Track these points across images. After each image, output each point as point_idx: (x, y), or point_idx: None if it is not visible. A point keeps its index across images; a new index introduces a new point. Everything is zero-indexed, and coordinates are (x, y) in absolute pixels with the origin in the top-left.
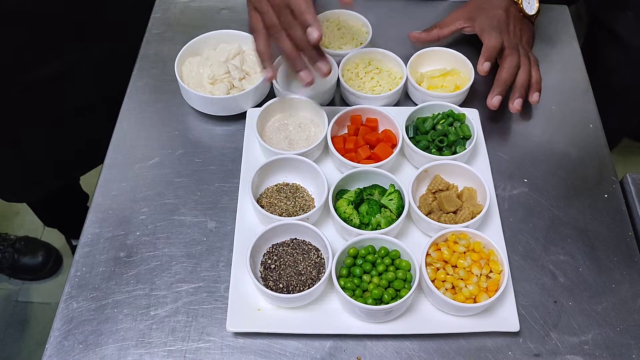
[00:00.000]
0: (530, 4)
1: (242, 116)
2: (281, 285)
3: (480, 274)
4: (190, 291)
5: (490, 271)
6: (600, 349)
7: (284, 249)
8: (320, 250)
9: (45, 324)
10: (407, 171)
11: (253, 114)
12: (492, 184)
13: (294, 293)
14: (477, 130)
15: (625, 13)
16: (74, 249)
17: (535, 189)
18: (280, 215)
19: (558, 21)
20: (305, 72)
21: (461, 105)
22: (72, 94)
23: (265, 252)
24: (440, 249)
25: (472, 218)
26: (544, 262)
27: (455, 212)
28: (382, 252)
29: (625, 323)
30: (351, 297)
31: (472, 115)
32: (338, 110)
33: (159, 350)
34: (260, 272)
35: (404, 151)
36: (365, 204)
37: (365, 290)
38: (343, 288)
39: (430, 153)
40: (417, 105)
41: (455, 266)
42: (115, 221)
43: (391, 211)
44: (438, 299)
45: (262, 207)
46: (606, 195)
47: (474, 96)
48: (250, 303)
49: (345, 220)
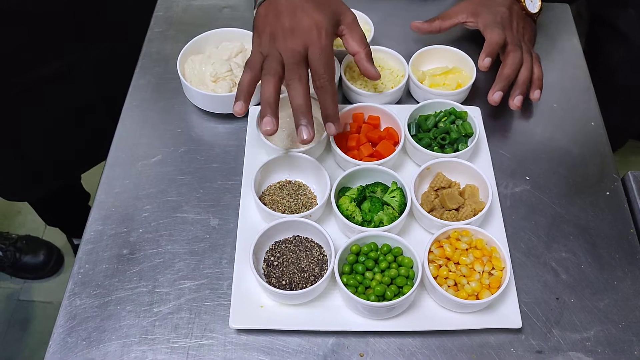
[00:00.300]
0: (533, 2)
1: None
2: (284, 282)
3: (483, 271)
4: (193, 288)
5: (493, 268)
6: (602, 346)
7: (286, 246)
8: (322, 248)
9: (47, 323)
10: (409, 169)
11: (255, 112)
12: (494, 181)
13: (296, 290)
14: (479, 128)
15: (627, 10)
16: (76, 248)
17: (537, 187)
18: (282, 213)
19: (560, 19)
20: (307, 129)
21: (463, 103)
22: (72, 94)
23: (268, 249)
24: (442, 246)
25: (474, 215)
26: (546, 259)
27: (457, 210)
28: (385, 249)
29: (627, 320)
30: (354, 294)
31: (474, 113)
32: (340, 108)
33: (162, 347)
34: (263, 269)
35: (406, 149)
36: (368, 202)
37: (368, 287)
38: (346, 285)
39: (433, 151)
40: (419, 103)
41: (458, 263)
42: (118, 218)
43: (393, 208)
44: (440, 296)
45: (265, 204)
46: (608, 193)
47: (476, 94)
48: (253, 300)
49: (347, 217)
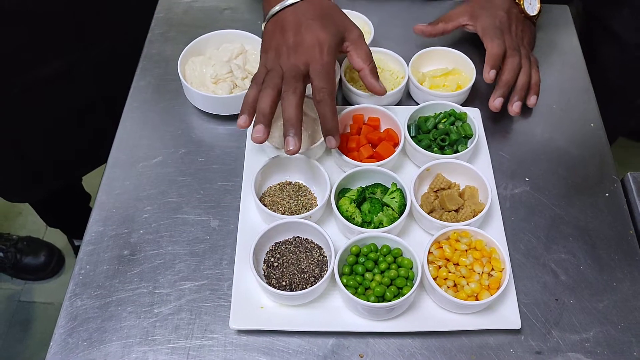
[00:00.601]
0: (532, 5)
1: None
2: (284, 283)
3: (482, 272)
4: (193, 289)
5: (492, 269)
6: (601, 347)
7: (286, 247)
8: (322, 249)
9: (48, 323)
10: (409, 170)
11: None
12: (493, 182)
13: (296, 291)
14: (478, 129)
15: (622, 10)
16: (76, 249)
17: (537, 188)
18: (282, 214)
19: (559, 20)
20: (294, 140)
21: (463, 104)
22: (73, 94)
23: (268, 250)
24: (442, 247)
25: (473, 216)
26: (545, 261)
27: (457, 211)
28: (384, 250)
29: (627, 321)
30: (354, 295)
31: (474, 114)
32: (340, 110)
33: (162, 348)
34: (263, 270)
35: (406, 150)
36: (368, 203)
37: (368, 288)
38: (345, 286)
39: (432, 152)
40: (419, 104)
41: (457, 264)
42: (118, 219)
43: (393, 209)
44: (440, 297)
45: (265, 205)
46: (607, 194)
47: (475, 95)
48: (253, 301)
49: (347, 218)
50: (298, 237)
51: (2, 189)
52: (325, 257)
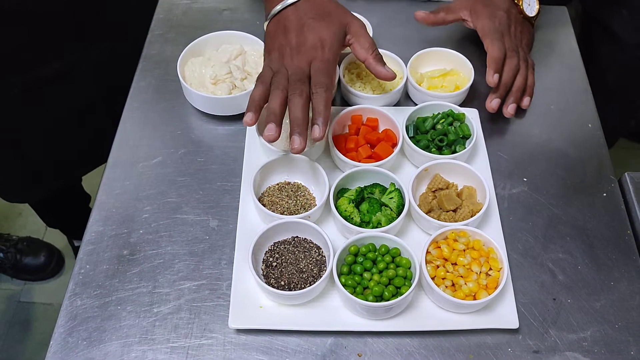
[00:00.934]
0: (531, 6)
1: (243, 116)
2: (283, 283)
3: (480, 272)
4: (192, 289)
5: (490, 269)
6: (598, 346)
7: (285, 247)
8: (321, 248)
9: (48, 324)
10: (408, 170)
11: None
12: (491, 182)
13: (295, 290)
14: (476, 130)
15: (621, 11)
16: (76, 250)
17: (535, 188)
18: (281, 214)
19: (557, 22)
20: (300, 139)
21: (461, 105)
22: (73, 94)
23: (267, 250)
24: (440, 247)
25: (471, 216)
26: (543, 260)
27: (455, 211)
28: (383, 250)
29: (624, 320)
30: (352, 294)
31: (472, 115)
32: (339, 110)
33: (162, 347)
34: (262, 270)
35: (404, 150)
36: (366, 203)
37: (366, 287)
38: (344, 285)
39: (430, 152)
40: (417, 105)
41: (455, 264)
42: (118, 219)
43: (391, 209)
44: (438, 296)
45: (264, 205)
46: (605, 194)
47: (473, 96)
48: (252, 300)
49: (346, 218)
50: (297, 237)
51: (2, 189)
52: (324, 256)
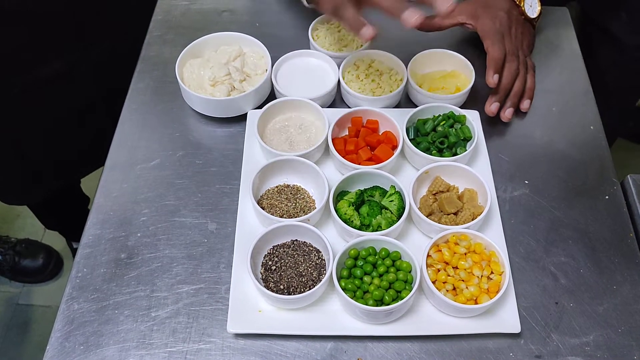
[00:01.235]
0: (532, 7)
1: (242, 118)
2: (282, 287)
3: (481, 275)
4: (191, 292)
5: (491, 272)
6: (601, 351)
7: (284, 251)
8: (321, 252)
9: (46, 327)
10: (408, 173)
11: (254, 116)
12: (492, 185)
13: (294, 294)
14: (477, 132)
15: (619, 13)
16: (75, 252)
17: (536, 191)
18: (281, 217)
19: (558, 23)
20: (409, 11)
21: (462, 106)
22: (72, 94)
23: (266, 253)
24: (441, 250)
25: (472, 219)
26: (545, 264)
27: (455, 214)
28: (383, 253)
29: (627, 324)
30: (352, 299)
31: (473, 117)
32: (339, 112)
33: (159, 352)
34: (261, 274)
35: (405, 153)
36: (366, 206)
37: (366, 291)
38: (344, 289)
39: (431, 154)
40: (417, 107)
41: (456, 267)
42: (116, 222)
43: (392, 212)
44: (439, 300)
45: (263, 208)
46: (607, 197)
47: (474, 98)
48: (251, 304)
49: (345, 221)
50: (296, 240)
51: (2, 191)
52: (324, 260)
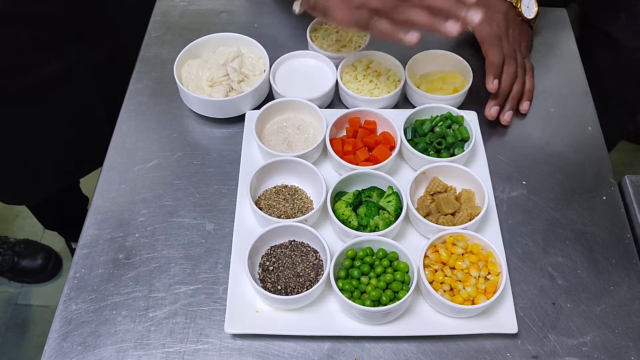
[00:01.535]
0: (529, 8)
1: (240, 118)
2: (279, 287)
3: (479, 276)
4: (188, 293)
5: (489, 273)
6: (598, 351)
7: (282, 251)
8: (318, 252)
9: (45, 327)
10: (406, 173)
11: (252, 116)
12: (490, 186)
13: (292, 295)
14: (475, 133)
15: (618, 15)
16: (74, 252)
17: (534, 191)
18: (278, 217)
19: (557, 24)
20: (450, 22)
21: (460, 107)
22: (72, 96)
23: (264, 254)
24: (438, 251)
25: (470, 220)
26: (542, 264)
27: (453, 214)
28: (380, 253)
29: (624, 325)
30: (349, 299)
31: (471, 118)
32: (337, 113)
33: (157, 352)
34: (259, 274)
35: (403, 153)
36: (364, 206)
37: (364, 292)
38: (341, 290)
39: (429, 155)
40: (415, 107)
41: (454, 268)
42: (114, 223)
43: (389, 213)
44: (436, 301)
45: (261, 209)
46: (604, 198)
47: (472, 98)
48: (249, 305)
49: (343, 222)
50: (294, 240)
51: (1, 191)
52: (321, 260)
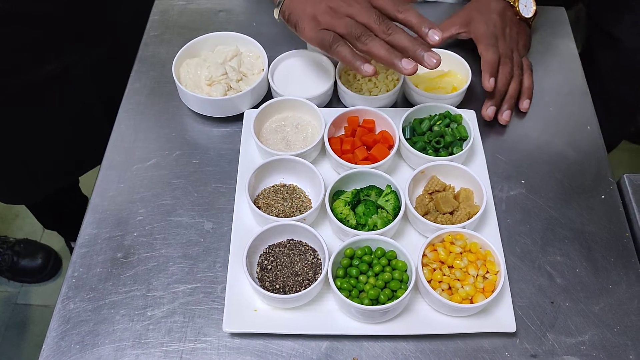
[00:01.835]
0: (527, 7)
1: (239, 117)
2: (277, 286)
3: (477, 275)
4: (187, 292)
5: (487, 272)
6: (597, 350)
7: (280, 250)
8: (316, 251)
9: (44, 326)
10: (404, 172)
11: (250, 115)
12: (489, 184)
13: (290, 294)
14: (474, 132)
15: (623, 16)
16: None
17: (533, 190)
18: (277, 216)
19: (555, 23)
20: (406, 60)
21: (458, 106)
22: (71, 96)
23: (262, 252)
24: (436, 250)
25: (468, 219)
26: (540, 263)
27: (451, 213)
28: (379, 252)
29: (622, 324)
30: (347, 298)
31: (469, 117)
32: (335, 112)
33: (155, 351)
34: (257, 273)
35: (401, 152)
36: (362, 205)
37: (362, 290)
38: (339, 289)
39: (427, 154)
40: (413, 106)
41: (452, 267)
42: (112, 222)
43: (388, 212)
44: (434, 300)
45: (259, 208)
46: (603, 197)
47: (471, 97)
48: (247, 304)
49: (341, 221)
50: (292, 239)
51: (0, 191)
52: (320, 259)
